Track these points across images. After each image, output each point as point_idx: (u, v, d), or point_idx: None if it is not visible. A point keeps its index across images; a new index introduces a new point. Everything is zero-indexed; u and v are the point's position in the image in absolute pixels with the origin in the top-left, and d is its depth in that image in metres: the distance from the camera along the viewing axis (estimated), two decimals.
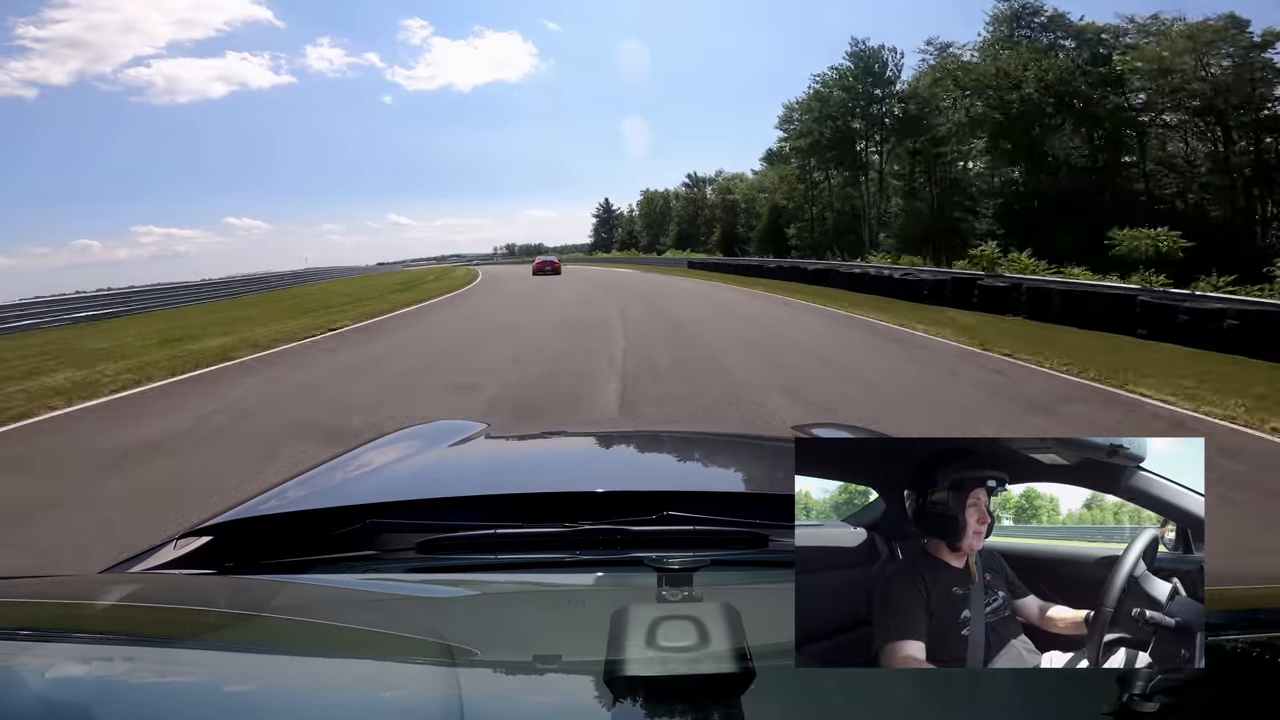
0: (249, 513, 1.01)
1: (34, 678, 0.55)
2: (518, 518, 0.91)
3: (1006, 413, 5.85)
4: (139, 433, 5.46)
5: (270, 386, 7.35)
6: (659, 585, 0.74)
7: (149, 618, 0.73)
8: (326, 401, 6.54)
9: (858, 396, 6.33)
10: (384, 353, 9.56)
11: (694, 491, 0.99)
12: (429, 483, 1.20)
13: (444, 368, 8.11)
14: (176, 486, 4.10)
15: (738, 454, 1.52)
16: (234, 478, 4.11)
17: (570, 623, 0.70)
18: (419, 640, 0.65)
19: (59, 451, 5.15)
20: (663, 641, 0.56)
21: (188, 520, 1.08)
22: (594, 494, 0.96)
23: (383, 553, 0.90)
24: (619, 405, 5.91)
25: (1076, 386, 6.77)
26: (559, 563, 0.84)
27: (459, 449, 1.38)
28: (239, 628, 0.71)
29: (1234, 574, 0.79)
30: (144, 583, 0.88)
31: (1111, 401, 6.21)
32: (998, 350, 8.55)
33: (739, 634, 0.57)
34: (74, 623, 0.71)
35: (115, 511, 3.71)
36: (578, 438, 1.76)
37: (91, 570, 1.16)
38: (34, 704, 0.50)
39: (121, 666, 0.59)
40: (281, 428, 5.43)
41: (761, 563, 0.84)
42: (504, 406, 6.05)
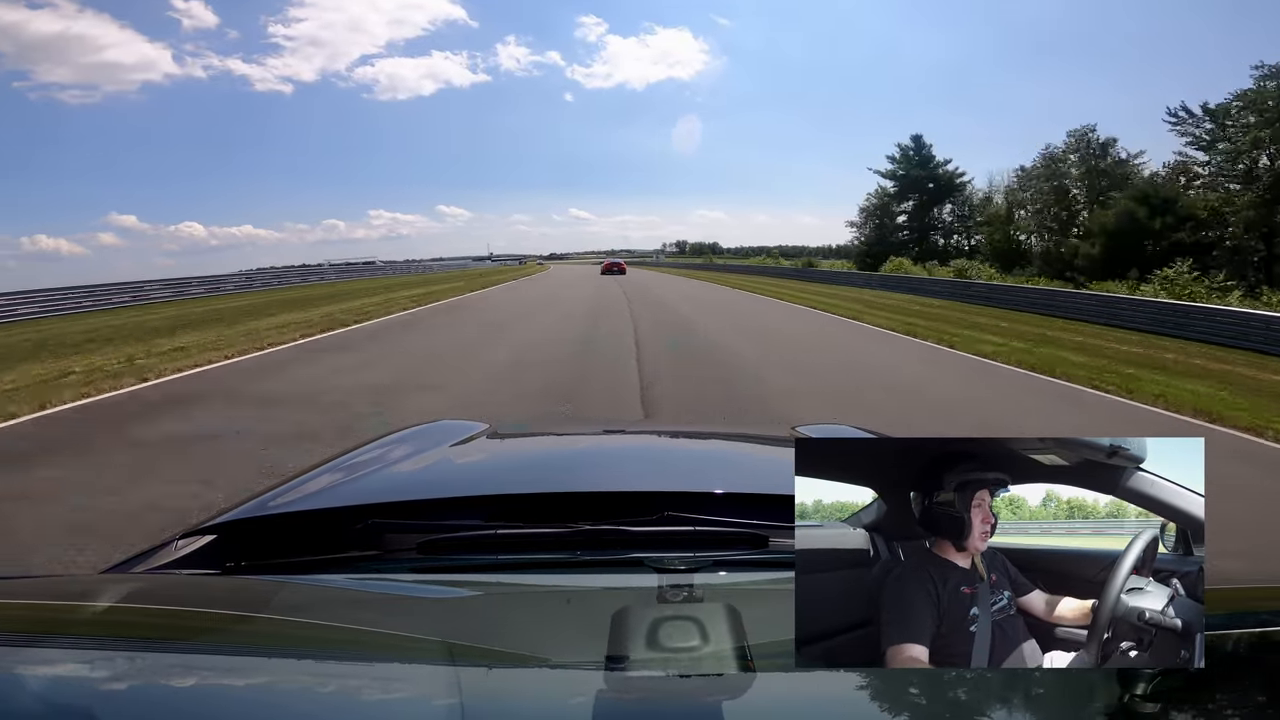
0: (250, 513, 1.01)
1: (35, 678, 0.55)
2: (519, 518, 0.91)
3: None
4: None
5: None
6: (659, 585, 0.74)
7: (150, 618, 0.73)
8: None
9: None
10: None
11: (694, 492, 0.99)
12: (430, 483, 1.20)
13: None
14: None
15: (738, 454, 1.52)
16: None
17: (571, 623, 0.70)
18: (420, 640, 0.65)
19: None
20: (663, 641, 0.56)
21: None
22: (594, 494, 0.96)
23: (384, 553, 0.90)
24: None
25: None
26: (560, 563, 0.84)
27: (460, 449, 1.38)
28: (240, 628, 0.71)
29: (1234, 574, 0.79)
30: (145, 583, 0.88)
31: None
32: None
33: (739, 634, 0.57)
34: (75, 623, 0.71)
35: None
36: (578, 438, 1.76)
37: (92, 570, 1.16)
38: (35, 704, 0.50)
39: (122, 666, 0.59)
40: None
41: (761, 563, 0.84)
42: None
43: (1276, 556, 3.11)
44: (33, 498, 3.85)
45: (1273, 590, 0.81)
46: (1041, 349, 10.55)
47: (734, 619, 0.59)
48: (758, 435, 1.71)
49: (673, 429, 2.26)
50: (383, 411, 5.67)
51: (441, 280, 33.22)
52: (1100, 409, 6.90)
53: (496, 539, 0.87)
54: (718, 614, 0.62)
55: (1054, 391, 7.66)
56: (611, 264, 44.55)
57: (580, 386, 7.06)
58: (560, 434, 1.82)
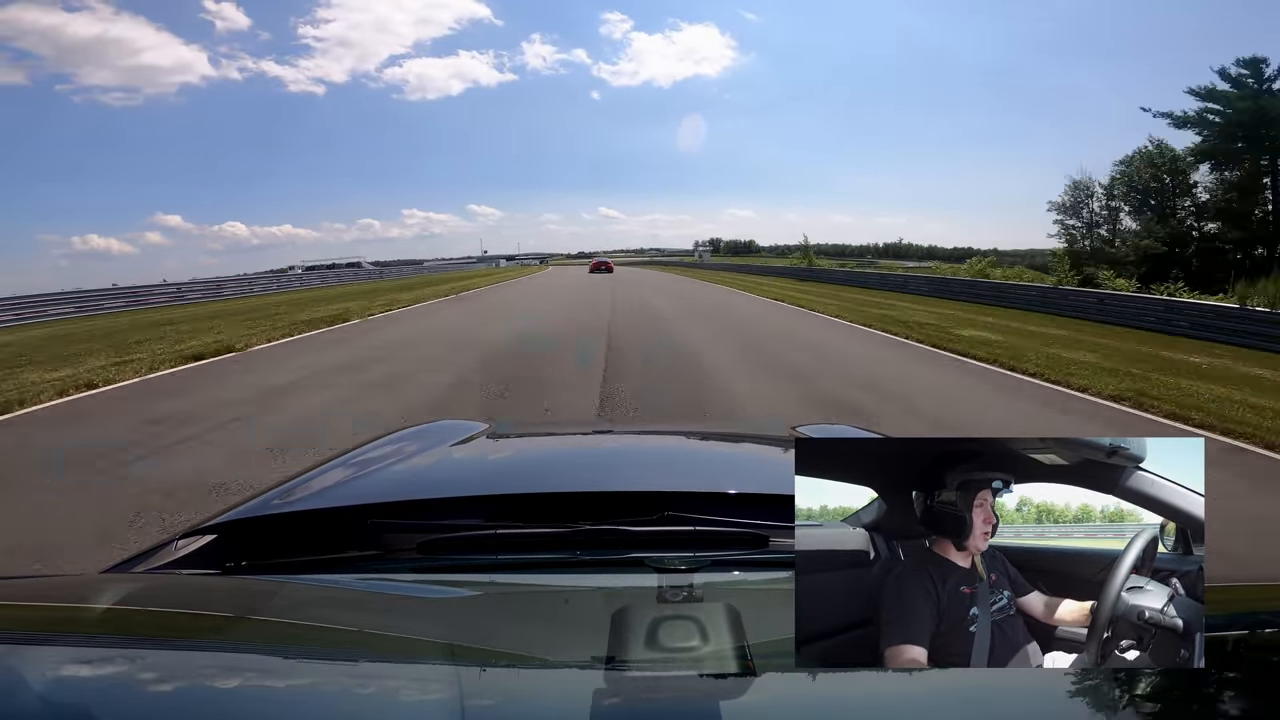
0: (250, 513, 1.01)
1: (35, 678, 0.55)
2: (518, 518, 0.91)
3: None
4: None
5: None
6: (659, 585, 0.74)
7: (150, 618, 0.73)
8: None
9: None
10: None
11: (694, 492, 0.99)
12: (430, 483, 1.20)
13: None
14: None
15: (738, 454, 1.51)
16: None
17: (571, 623, 0.70)
18: (420, 640, 0.65)
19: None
20: (663, 641, 0.56)
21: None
22: (594, 494, 0.96)
23: (384, 553, 0.90)
24: None
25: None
26: (559, 563, 0.84)
27: (460, 449, 1.38)
28: (240, 628, 0.71)
29: (1234, 574, 0.79)
30: (145, 582, 0.88)
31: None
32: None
33: (739, 634, 0.57)
34: (75, 623, 0.71)
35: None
36: (578, 438, 1.76)
37: (92, 570, 1.16)
38: (35, 704, 0.50)
39: (123, 666, 0.59)
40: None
41: (761, 563, 0.84)
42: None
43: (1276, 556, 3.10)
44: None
45: (1273, 590, 0.81)
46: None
47: (734, 619, 0.59)
48: (758, 435, 1.71)
49: (672, 429, 2.26)
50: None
51: (418, 285, 28.74)
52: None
53: (496, 539, 0.87)
54: (718, 614, 0.62)
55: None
56: (599, 263, 47.09)
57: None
58: (560, 434, 1.83)
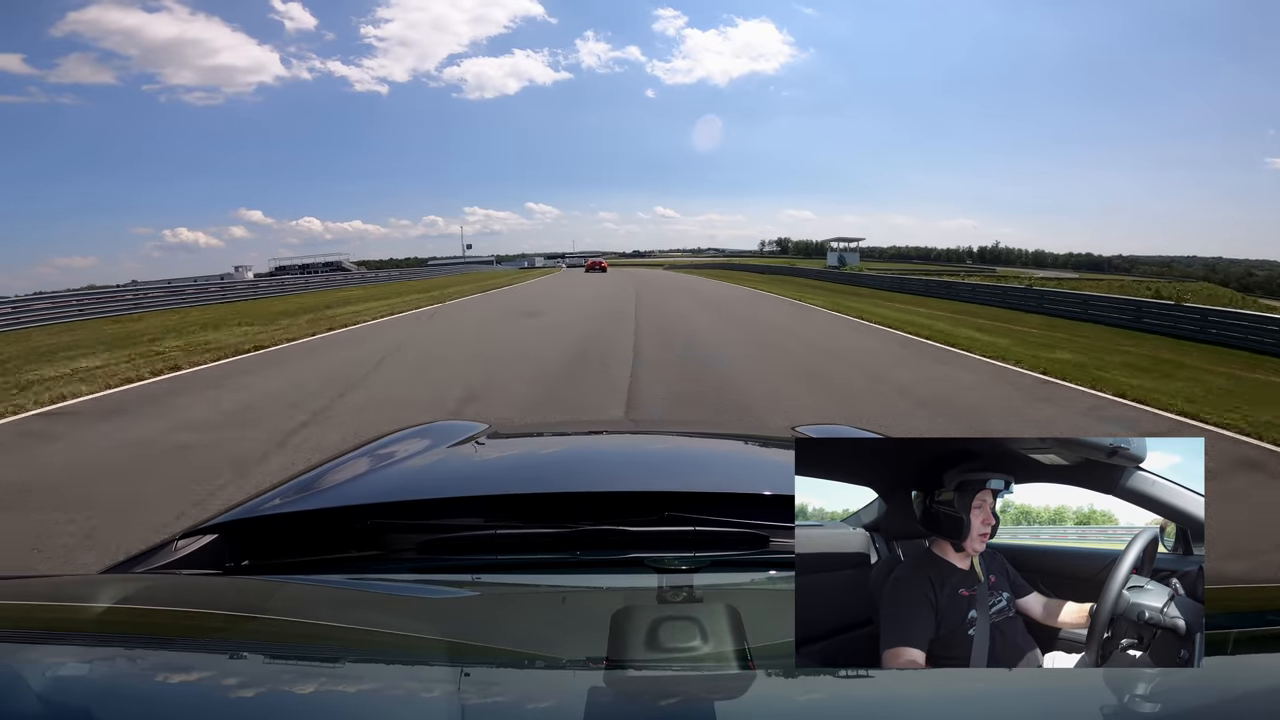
0: (251, 513, 1.01)
1: (35, 678, 0.55)
2: (519, 518, 0.91)
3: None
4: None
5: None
6: (659, 585, 0.74)
7: (150, 618, 0.73)
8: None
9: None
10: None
11: (694, 492, 0.99)
12: (430, 483, 1.20)
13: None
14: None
15: (738, 454, 1.51)
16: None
17: (571, 623, 0.70)
18: (420, 640, 0.65)
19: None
20: (663, 641, 0.56)
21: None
22: (595, 494, 0.96)
23: (384, 553, 0.90)
24: None
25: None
26: (560, 563, 0.84)
27: (460, 449, 1.38)
28: (240, 628, 0.71)
29: (1234, 574, 0.79)
30: (145, 582, 0.88)
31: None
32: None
33: (739, 634, 0.57)
34: (75, 623, 0.71)
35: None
36: (578, 438, 1.76)
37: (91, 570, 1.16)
38: (35, 704, 0.50)
39: (123, 666, 0.59)
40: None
41: (761, 563, 0.84)
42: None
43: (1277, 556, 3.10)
44: None
45: (1273, 590, 0.81)
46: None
47: (734, 619, 0.59)
48: (757, 435, 1.71)
49: (672, 429, 2.25)
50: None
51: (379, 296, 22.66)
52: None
53: (496, 539, 0.87)
54: (717, 614, 0.62)
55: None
56: (594, 263, 49.58)
57: None
58: (560, 434, 1.82)
